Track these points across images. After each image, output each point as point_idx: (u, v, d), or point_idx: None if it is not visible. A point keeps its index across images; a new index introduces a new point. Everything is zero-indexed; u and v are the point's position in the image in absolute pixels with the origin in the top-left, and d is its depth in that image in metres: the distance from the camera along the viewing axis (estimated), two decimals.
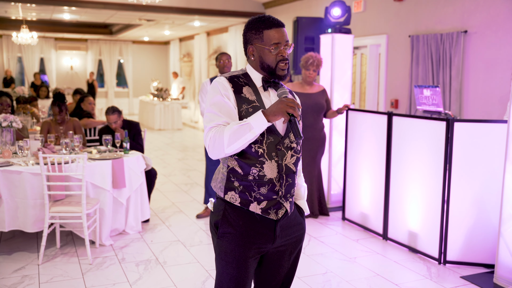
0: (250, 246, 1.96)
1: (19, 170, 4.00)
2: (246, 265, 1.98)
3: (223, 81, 1.95)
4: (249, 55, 2.01)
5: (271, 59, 1.95)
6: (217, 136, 1.85)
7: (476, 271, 3.89)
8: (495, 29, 5.30)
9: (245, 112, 1.91)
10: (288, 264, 2.11)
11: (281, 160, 1.94)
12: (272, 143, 1.92)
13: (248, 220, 1.96)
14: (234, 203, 1.95)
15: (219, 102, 1.92)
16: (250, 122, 1.81)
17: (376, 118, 4.71)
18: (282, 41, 1.95)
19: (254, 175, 1.92)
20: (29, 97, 8.14)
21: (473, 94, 5.59)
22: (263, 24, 1.96)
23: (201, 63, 14.39)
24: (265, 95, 1.99)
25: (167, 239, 4.58)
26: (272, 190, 1.94)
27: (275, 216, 1.96)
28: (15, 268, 3.85)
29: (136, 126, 5.32)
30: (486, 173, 3.85)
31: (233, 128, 1.82)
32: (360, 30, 7.35)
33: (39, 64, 16.58)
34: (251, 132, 1.81)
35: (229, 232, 1.96)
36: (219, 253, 2.00)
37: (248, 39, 2.00)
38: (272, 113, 1.81)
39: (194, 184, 6.88)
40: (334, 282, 3.68)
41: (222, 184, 1.99)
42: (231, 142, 1.82)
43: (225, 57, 5.02)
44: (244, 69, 2.06)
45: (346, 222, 5.19)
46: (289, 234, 2.05)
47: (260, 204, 1.94)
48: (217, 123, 1.89)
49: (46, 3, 9.25)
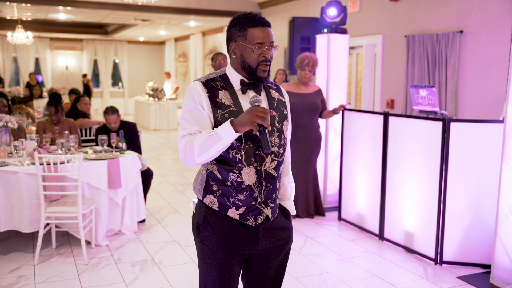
0: (233, 249, 1.91)
1: (14, 170, 3.98)
2: (229, 268, 1.93)
3: (198, 86, 1.86)
4: (231, 52, 1.91)
5: (252, 59, 1.85)
6: (187, 146, 1.80)
7: (472, 271, 3.90)
8: (491, 29, 5.32)
9: (220, 117, 1.83)
10: (275, 266, 2.06)
11: (260, 166, 1.88)
12: (250, 148, 1.85)
13: (229, 223, 1.91)
14: (212, 207, 1.91)
15: (192, 109, 1.85)
16: (219, 132, 1.74)
17: (372, 118, 4.71)
18: (266, 41, 1.84)
19: (232, 181, 1.87)
20: (24, 97, 8.10)
21: (469, 94, 5.61)
22: (248, 22, 1.85)
23: (196, 63, 14.38)
24: (244, 98, 1.89)
25: (163, 240, 4.56)
26: (251, 196, 1.88)
27: (254, 222, 1.91)
28: (11, 269, 3.82)
29: (133, 128, 5.29)
30: (482, 173, 3.86)
31: (202, 139, 1.76)
32: (356, 30, 7.36)
33: (34, 64, 16.50)
34: (220, 143, 1.74)
35: (211, 235, 1.91)
36: (202, 256, 1.95)
37: (232, 36, 1.90)
38: (240, 123, 1.72)
39: (189, 184, 6.86)
40: (330, 283, 3.68)
41: (201, 186, 1.95)
42: (201, 152, 1.77)
43: (221, 57, 5.01)
44: (223, 70, 1.96)
45: (342, 222, 5.19)
46: (274, 236, 1.99)
47: (238, 209, 1.89)
48: (189, 132, 1.84)
49: (42, 3, 9.22)
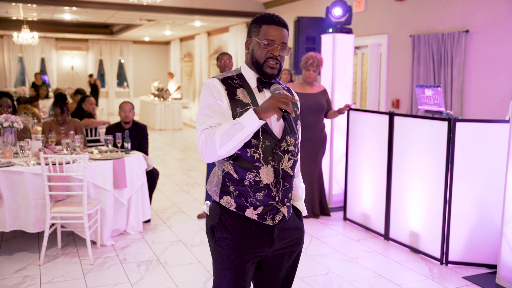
0: (248, 251, 1.91)
1: (20, 171, 4.00)
2: (244, 270, 1.93)
3: (216, 83, 1.88)
4: (246, 47, 1.96)
5: (261, 54, 1.87)
6: (209, 138, 1.77)
7: (478, 271, 3.88)
8: (497, 28, 5.29)
9: (239, 115, 1.84)
10: (287, 267, 2.06)
11: (277, 165, 1.89)
12: (268, 147, 1.86)
13: (244, 224, 1.90)
14: (229, 208, 1.90)
15: (211, 104, 1.85)
16: (242, 121, 1.73)
17: (377, 118, 4.70)
18: (277, 40, 1.87)
19: (250, 180, 1.87)
20: (29, 97, 8.14)
21: (475, 94, 5.58)
22: (264, 19, 1.90)
23: (201, 63, 14.39)
24: (260, 96, 1.92)
25: (168, 240, 4.57)
26: (269, 196, 1.89)
27: (272, 221, 1.91)
28: (17, 269, 3.84)
29: (144, 130, 5.30)
30: (488, 173, 3.84)
31: (225, 128, 1.74)
32: (361, 30, 7.34)
33: (39, 64, 16.58)
34: (243, 131, 1.72)
35: (226, 237, 1.91)
36: (217, 258, 1.96)
37: (249, 32, 1.96)
38: (263, 110, 1.72)
39: (195, 184, 6.87)
40: (335, 283, 3.67)
41: (217, 188, 1.94)
42: (223, 143, 1.74)
43: (226, 57, 5.01)
44: (238, 69, 1.99)
45: (347, 222, 5.18)
46: (287, 237, 2.00)
47: (256, 209, 1.89)
48: (209, 125, 1.82)
49: (47, 3, 9.25)
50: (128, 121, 5.14)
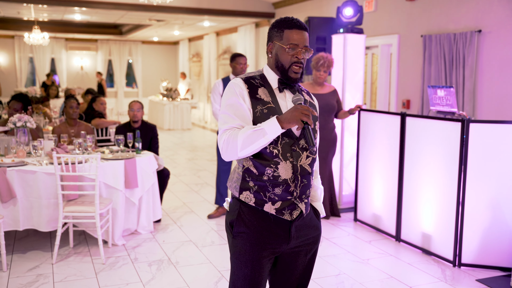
0: (265, 247, 1.97)
1: (33, 170, 4.03)
2: (260, 265, 1.98)
3: (239, 82, 1.97)
4: (268, 52, 2.03)
5: (286, 59, 1.95)
6: (230, 140, 1.86)
7: (492, 274, 3.85)
8: (510, 28, 5.24)
9: (259, 113, 1.92)
10: (303, 266, 2.10)
11: (296, 161, 1.94)
12: (287, 144, 1.93)
13: (263, 220, 1.96)
14: (249, 203, 1.96)
15: (234, 103, 1.93)
16: (264, 127, 1.83)
17: (389, 118, 4.67)
18: (300, 44, 1.94)
19: (269, 176, 1.93)
20: (41, 97, 8.20)
21: (487, 95, 5.54)
22: (286, 24, 1.97)
23: (210, 63, 14.40)
24: (281, 96, 2.00)
25: (179, 239, 4.58)
26: (287, 191, 1.94)
27: (290, 216, 1.96)
28: (30, 267, 3.87)
29: (153, 129, 5.30)
30: (502, 174, 3.81)
31: (247, 133, 1.84)
32: (372, 30, 7.31)
33: (50, 64, 16.69)
34: (265, 138, 1.83)
35: (244, 232, 1.97)
36: (234, 252, 2.02)
37: (270, 37, 2.02)
38: (286, 120, 1.82)
39: (204, 184, 6.88)
40: (347, 284, 3.65)
41: (237, 183, 2.01)
42: (245, 146, 1.84)
43: (243, 60, 5.04)
44: (261, 70, 2.07)
45: (358, 223, 5.16)
46: (304, 235, 2.04)
47: (275, 204, 1.94)
48: (231, 126, 1.91)
49: (58, 4, 9.31)
50: (136, 120, 5.15)
